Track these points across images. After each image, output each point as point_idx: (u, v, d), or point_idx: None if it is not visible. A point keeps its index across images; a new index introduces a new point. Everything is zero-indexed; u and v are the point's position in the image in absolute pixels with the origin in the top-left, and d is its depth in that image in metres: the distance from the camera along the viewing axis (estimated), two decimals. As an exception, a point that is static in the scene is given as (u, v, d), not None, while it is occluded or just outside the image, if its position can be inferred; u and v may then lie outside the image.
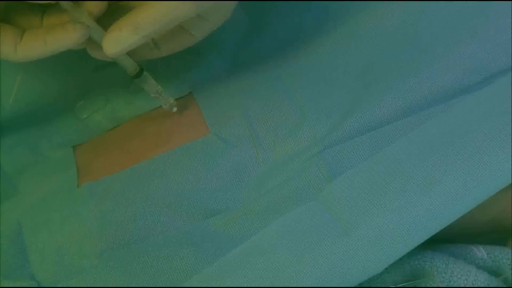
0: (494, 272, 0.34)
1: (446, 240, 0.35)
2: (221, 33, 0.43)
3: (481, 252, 0.34)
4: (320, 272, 0.29)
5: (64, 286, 0.37)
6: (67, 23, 0.34)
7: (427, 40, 0.41)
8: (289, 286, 0.29)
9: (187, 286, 0.32)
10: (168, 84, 0.43)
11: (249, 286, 0.30)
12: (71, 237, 0.39)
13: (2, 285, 0.38)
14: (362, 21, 0.43)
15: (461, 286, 0.32)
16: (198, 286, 0.31)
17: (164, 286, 0.35)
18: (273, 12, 0.45)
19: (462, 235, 0.37)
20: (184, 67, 0.44)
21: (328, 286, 0.29)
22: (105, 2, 0.35)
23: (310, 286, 0.29)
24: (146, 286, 0.36)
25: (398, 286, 0.33)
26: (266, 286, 0.29)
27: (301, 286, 0.29)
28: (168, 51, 0.38)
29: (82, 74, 0.43)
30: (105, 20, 0.36)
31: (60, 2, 0.34)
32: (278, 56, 0.44)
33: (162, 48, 0.38)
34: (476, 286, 0.32)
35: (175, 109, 0.42)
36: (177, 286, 0.35)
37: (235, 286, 0.30)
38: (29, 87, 0.42)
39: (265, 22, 0.45)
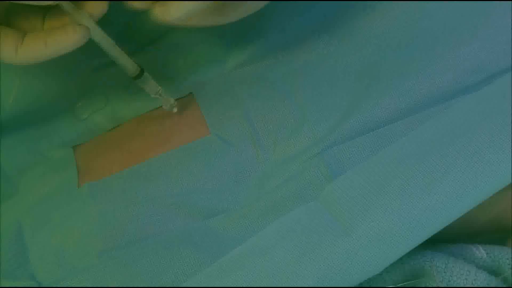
0: (493, 271, 0.34)
1: (446, 240, 0.35)
2: (221, 33, 0.43)
3: (480, 251, 0.34)
4: (320, 272, 0.29)
5: (64, 286, 0.37)
6: (67, 25, 0.34)
7: (427, 40, 0.41)
8: (289, 286, 0.29)
9: (187, 286, 0.32)
10: (168, 84, 0.43)
11: (249, 286, 0.30)
12: (71, 237, 0.39)
13: (2, 285, 0.38)
14: (362, 21, 0.43)
15: (461, 285, 0.32)
16: (198, 286, 0.31)
17: (164, 286, 0.35)
18: (273, 12, 0.45)
19: (462, 235, 0.37)
20: (184, 67, 0.44)
21: (328, 286, 0.29)
22: (106, 3, 0.35)
23: (310, 286, 0.29)
24: (146, 286, 0.36)
25: (398, 286, 0.33)
26: (266, 286, 0.29)
27: (301, 286, 0.29)
28: (233, 15, 0.36)
29: (82, 74, 0.43)
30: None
31: (61, 3, 0.34)
32: (278, 56, 0.44)
33: (226, 12, 0.35)
34: (475, 285, 0.32)
35: (175, 110, 0.42)
36: (177, 286, 0.35)
37: (235, 286, 0.30)
38: (29, 87, 0.42)
39: (265, 22, 0.45)
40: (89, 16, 0.35)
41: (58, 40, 0.33)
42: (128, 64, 0.38)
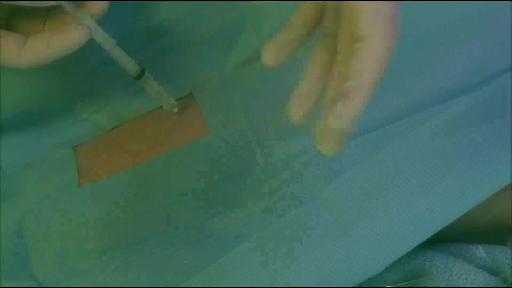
0: (493, 271, 0.34)
1: (446, 239, 0.35)
2: (221, 33, 0.43)
3: (480, 251, 0.34)
4: (320, 272, 0.29)
5: (64, 286, 0.37)
6: (69, 25, 0.34)
7: (427, 40, 0.41)
8: (289, 286, 0.29)
9: (187, 286, 0.32)
10: (168, 84, 0.43)
11: (249, 286, 0.30)
12: (71, 237, 0.39)
13: (2, 285, 0.38)
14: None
15: (461, 285, 0.32)
16: (198, 286, 0.31)
17: (164, 286, 0.35)
18: (273, 12, 0.45)
19: (462, 235, 0.37)
20: (184, 67, 0.44)
21: (328, 286, 0.29)
22: (107, 2, 0.35)
23: (310, 286, 0.29)
24: (146, 286, 0.36)
25: (398, 285, 0.33)
26: (266, 286, 0.29)
27: (301, 286, 0.29)
28: None
29: (82, 74, 0.43)
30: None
31: (62, 4, 0.34)
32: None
33: None
34: (475, 285, 0.32)
35: (175, 110, 0.42)
36: (177, 286, 0.35)
37: (235, 286, 0.30)
38: (29, 87, 0.42)
39: (265, 22, 0.45)
40: (90, 16, 0.35)
41: (60, 40, 0.33)
42: (129, 64, 0.38)
